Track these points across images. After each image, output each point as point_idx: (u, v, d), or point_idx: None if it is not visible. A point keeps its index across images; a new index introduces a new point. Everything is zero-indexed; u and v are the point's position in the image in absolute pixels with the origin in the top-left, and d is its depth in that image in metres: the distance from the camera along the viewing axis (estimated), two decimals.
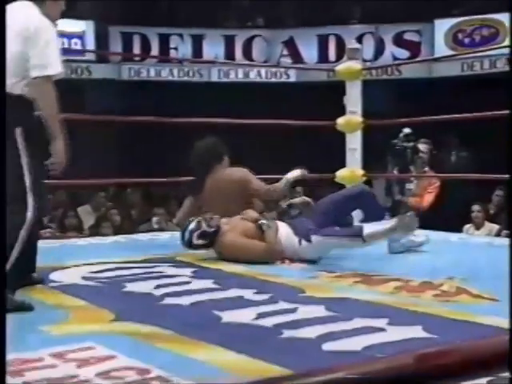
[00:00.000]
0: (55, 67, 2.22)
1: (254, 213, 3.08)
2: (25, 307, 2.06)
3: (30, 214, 2.16)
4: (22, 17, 2.25)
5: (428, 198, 4.98)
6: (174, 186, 7.72)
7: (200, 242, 2.95)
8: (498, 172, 4.13)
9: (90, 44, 9.17)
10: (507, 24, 8.50)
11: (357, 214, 3.56)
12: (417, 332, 1.78)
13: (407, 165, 4.98)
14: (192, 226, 2.96)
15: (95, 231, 5.27)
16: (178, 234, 4.00)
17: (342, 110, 4.31)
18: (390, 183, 5.06)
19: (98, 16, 9.40)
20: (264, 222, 2.96)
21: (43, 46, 2.19)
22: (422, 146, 4.98)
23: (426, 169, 5.00)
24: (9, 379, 1.43)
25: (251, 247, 2.90)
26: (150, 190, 7.12)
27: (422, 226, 3.95)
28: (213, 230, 2.94)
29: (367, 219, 3.30)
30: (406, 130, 4.93)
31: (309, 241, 2.85)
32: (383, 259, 2.98)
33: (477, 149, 7.51)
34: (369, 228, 2.75)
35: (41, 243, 3.69)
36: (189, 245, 2.98)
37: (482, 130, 6.52)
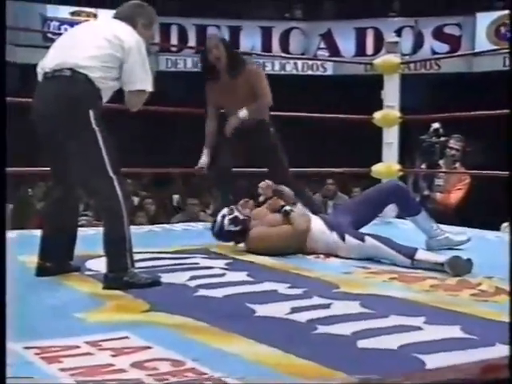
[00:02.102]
0: (149, 83, 2.36)
1: (280, 201, 3.04)
2: (153, 283, 2.20)
3: (120, 193, 2.23)
4: (117, 26, 2.36)
5: (456, 195, 4.88)
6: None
7: (231, 227, 2.92)
8: None
9: None
10: None
11: (391, 210, 3.53)
12: (455, 332, 1.74)
13: (436, 161, 4.89)
14: (225, 210, 2.96)
15: (130, 220, 5.31)
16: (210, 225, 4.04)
17: (379, 104, 4.26)
18: (417, 178, 4.97)
19: None
20: (287, 207, 2.93)
21: (142, 62, 2.32)
22: (454, 143, 4.87)
23: (457, 165, 4.89)
24: (45, 366, 1.45)
25: (278, 233, 2.88)
26: (190, 181, 7.14)
27: (457, 223, 3.89)
28: (245, 217, 2.93)
29: (402, 215, 3.26)
30: (436, 125, 4.85)
31: (343, 239, 2.82)
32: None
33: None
34: (422, 254, 2.69)
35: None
36: (220, 231, 2.95)
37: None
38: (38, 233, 2.51)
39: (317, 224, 2.93)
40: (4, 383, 1.28)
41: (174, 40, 9.50)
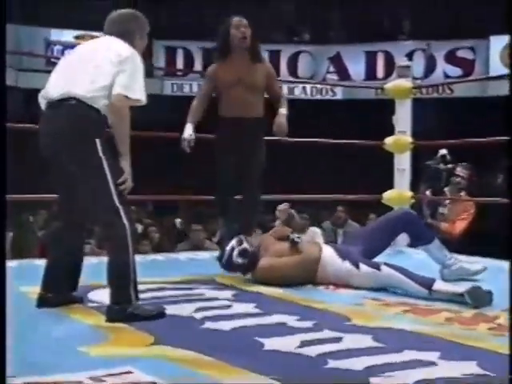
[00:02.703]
0: (139, 93, 2.36)
1: (286, 229, 3.04)
2: (158, 315, 2.23)
3: (127, 223, 2.25)
4: (117, 45, 2.41)
5: (460, 225, 4.85)
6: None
7: (240, 260, 2.92)
8: None
9: None
10: None
11: (403, 239, 3.52)
12: (471, 368, 1.73)
13: (441, 187, 4.88)
14: (233, 242, 2.96)
15: (134, 248, 5.33)
16: (216, 253, 4.05)
17: (390, 129, 4.28)
18: (420, 205, 4.95)
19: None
20: (295, 235, 2.93)
21: (133, 71, 2.34)
22: (460, 171, 4.87)
23: (462, 194, 4.88)
24: None
25: (287, 264, 2.87)
26: (197, 209, 7.16)
27: (470, 252, 3.86)
28: (255, 248, 2.93)
29: (414, 244, 3.25)
30: (443, 151, 4.85)
31: (357, 267, 2.81)
32: None
33: None
34: (440, 284, 2.69)
35: None
36: (228, 264, 2.95)
37: None
38: (39, 262, 2.52)
39: (327, 252, 2.92)
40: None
41: (179, 64, 9.61)
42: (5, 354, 1.42)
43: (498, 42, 8.94)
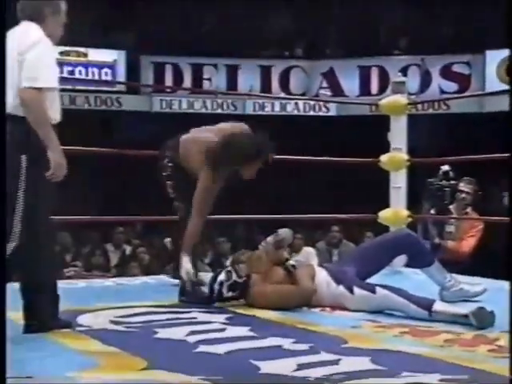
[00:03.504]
0: (44, 80, 2.28)
1: (284, 254, 3.00)
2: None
3: (9, 245, 2.23)
4: (20, 33, 2.35)
5: (469, 243, 4.87)
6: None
7: (230, 294, 2.91)
8: None
9: (121, 74, 9.42)
10: None
11: (400, 259, 3.53)
12: None
13: (446, 205, 4.90)
14: (222, 276, 2.92)
15: (122, 271, 5.34)
16: (208, 274, 4.06)
17: (384, 146, 4.33)
18: (426, 225, 4.97)
19: (129, 45, 9.67)
20: (291, 262, 2.93)
21: (35, 58, 2.28)
22: (464, 186, 4.90)
23: (468, 210, 4.91)
24: None
25: (281, 294, 2.88)
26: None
27: (472, 273, 3.90)
28: (243, 279, 2.91)
29: (414, 266, 3.26)
30: (445, 168, 4.89)
31: (351, 291, 2.83)
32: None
33: None
34: (440, 305, 2.71)
35: (66, 283, 3.76)
36: (218, 298, 2.91)
37: None
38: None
39: (322, 276, 2.94)
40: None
41: (168, 80, 9.67)
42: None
43: (494, 57, 9.06)
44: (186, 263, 2.93)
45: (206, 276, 3.09)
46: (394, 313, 2.76)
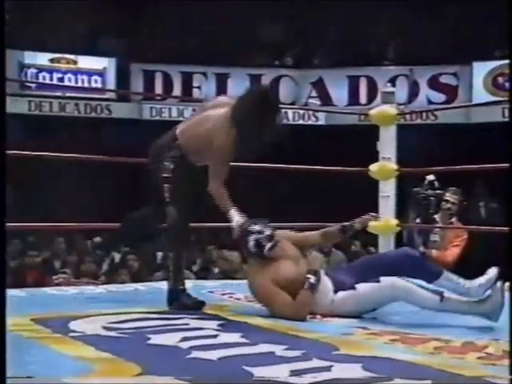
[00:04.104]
0: None
1: (315, 263, 2.96)
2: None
3: None
4: None
5: (453, 252, 4.93)
6: (196, 231, 7.81)
7: (253, 249, 2.84)
8: None
9: (111, 82, 9.44)
10: None
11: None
12: None
13: (431, 214, 4.96)
14: (257, 227, 2.85)
15: (111, 278, 5.34)
16: (199, 283, 4.08)
17: (373, 156, 4.37)
18: (411, 234, 5.02)
19: (119, 53, 9.69)
20: (312, 280, 2.84)
21: None
22: (450, 196, 4.96)
23: (453, 220, 4.97)
24: None
25: (277, 300, 2.85)
26: None
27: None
28: (270, 244, 2.83)
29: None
30: (431, 177, 4.95)
31: (354, 289, 2.82)
32: (421, 317, 2.97)
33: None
34: (449, 294, 2.78)
35: (57, 290, 3.76)
36: (258, 253, 2.84)
37: None
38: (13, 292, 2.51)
39: (326, 285, 2.90)
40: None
41: (158, 87, 9.69)
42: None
43: (481, 68, 9.16)
44: (235, 215, 2.86)
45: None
46: (385, 321, 2.79)
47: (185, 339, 2.37)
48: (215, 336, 2.46)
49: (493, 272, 3.11)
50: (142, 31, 10.14)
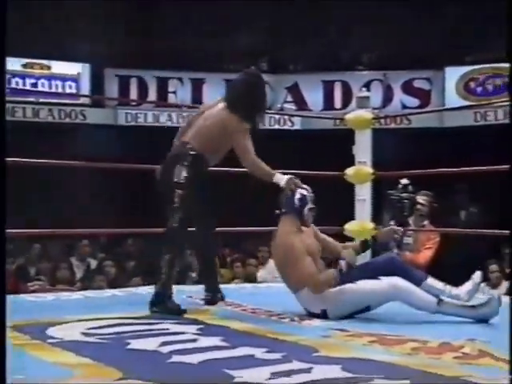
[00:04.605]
0: None
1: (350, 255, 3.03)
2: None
3: None
4: None
5: (426, 255, 4.99)
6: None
7: (297, 203, 3.06)
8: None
9: (85, 87, 9.37)
10: None
11: None
12: None
13: (405, 217, 5.02)
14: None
15: (88, 284, 5.30)
16: (178, 288, 4.08)
17: (349, 160, 4.41)
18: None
19: (93, 58, 9.63)
20: (343, 265, 2.93)
21: None
22: (421, 198, 5.03)
23: (426, 222, 5.03)
24: None
25: (304, 264, 2.90)
26: (148, 241, 7.17)
27: None
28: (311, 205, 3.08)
29: None
30: (404, 181, 5.01)
31: (354, 282, 2.90)
32: (398, 318, 3.01)
33: (487, 204, 7.63)
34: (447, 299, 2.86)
35: (35, 297, 3.73)
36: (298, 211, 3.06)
37: (494, 183, 6.64)
38: None
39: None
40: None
41: (133, 93, 9.65)
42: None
43: (453, 73, 9.29)
44: (280, 176, 3.19)
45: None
46: (363, 322, 2.82)
47: (165, 344, 2.37)
48: (195, 340, 2.46)
49: (477, 277, 3.15)
50: (117, 36, 10.10)
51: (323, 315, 2.93)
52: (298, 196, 3.10)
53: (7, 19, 2.11)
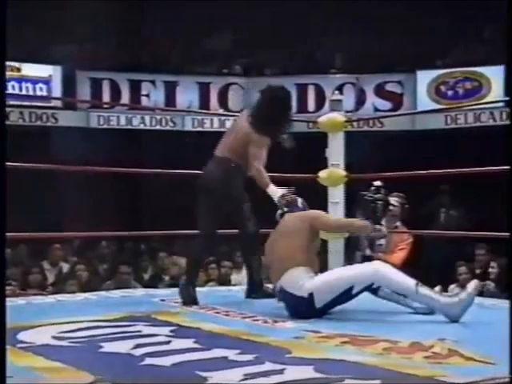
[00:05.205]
0: None
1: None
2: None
3: None
4: None
5: (399, 256, 5.04)
6: (146, 239, 7.77)
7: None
8: (480, 229, 4.30)
9: (57, 89, 9.28)
10: (490, 77, 8.91)
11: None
12: None
13: (378, 218, 5.07)
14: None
15: (60, 288, 5.26)
16: (151, 291, 4.08)
17: (322, 162, 4.44)
18: (358, 237, 5.12)
19: (65, 60, 9.55)
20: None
21: None
22: (393, 199, 5.08)
23: (398, 224, 5.08)
24: None
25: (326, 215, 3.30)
26: (121, 244, 7.14)
27: None
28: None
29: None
30: (377, 183, 5.06)
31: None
32: (370, 318, 3.04)
33: (462, 206, 7.73)
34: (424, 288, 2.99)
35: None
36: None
37: (466, 185, 6.74)
38: None
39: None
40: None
41: (105, 96, 9.59)
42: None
43: (424, 77, 9.40)
44: (275, 189, 3.52)
45: None
46: (335, 324, 2.85)
47: (138, 346, 2.37)
48: (168, 342, 2.46)
49: (472, 287, 3.13)
50: (89, 38, 10.03)
51: (309, 300, 2.98)
52: (300, 200, 3.47)
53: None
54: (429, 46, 9.56)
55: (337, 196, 4.43)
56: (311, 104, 9.77)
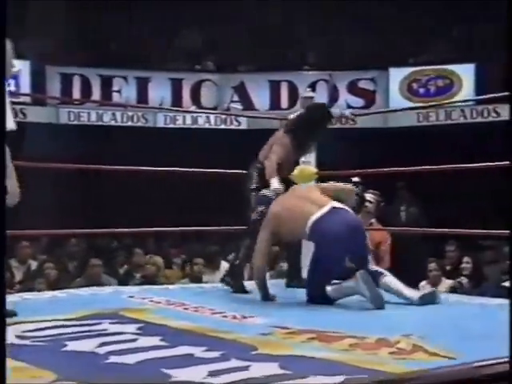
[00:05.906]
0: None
1: None
2: None
3: None
4: None
5: (386, 259, 5.08)
6: (116, 236, 7.73)
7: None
8: (449, 227, 4.35)
9: (26, 85, 9.17)
10: (461, 75, 9.02)
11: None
12: None
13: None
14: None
15: (28, 286, 5.21)
16: (120, 288, 4.06)
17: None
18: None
19: (34, 55, 9.45)
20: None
21: None
22: (368, 196, 5.12)
23: (373, 221, 5.12)
24: None
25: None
26: (91, 242, 7.09)
27: None
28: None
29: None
30: (355, 179, 5.10)
31: None
32: (338, 315, 3.07)
33: (427, 203, 7.82)
34: (390, 278, 3.24)
35: None
36: None
37: (435, 183, 6.83)
38: None
39: None
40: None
41: (76, 91, 9.51)
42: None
43: (396, 74, 9.49)
44: (275, 182, 3.77)
45: None
46: (303, 320, 2.87)
47: (103, 344, 2.36)
48: (134, 340, 2.46)
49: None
50: (59, 33, 9.94)
51: None
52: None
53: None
54: (401, 43, 9.66)
55: None
56: (284, 101, 9.80)
